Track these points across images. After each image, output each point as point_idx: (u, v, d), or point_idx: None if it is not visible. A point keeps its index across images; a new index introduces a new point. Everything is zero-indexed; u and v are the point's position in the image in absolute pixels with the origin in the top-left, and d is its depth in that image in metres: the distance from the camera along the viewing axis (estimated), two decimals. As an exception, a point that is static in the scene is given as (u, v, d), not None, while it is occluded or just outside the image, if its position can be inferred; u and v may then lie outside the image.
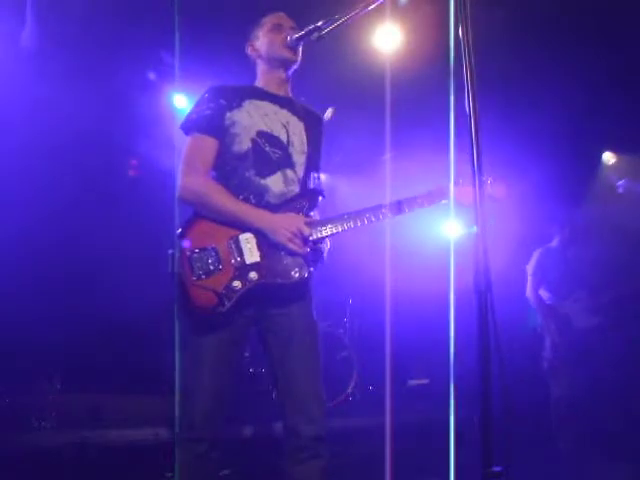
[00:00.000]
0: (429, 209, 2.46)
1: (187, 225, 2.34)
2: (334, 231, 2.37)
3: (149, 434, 3.93)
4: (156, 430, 3.94)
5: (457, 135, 1.76)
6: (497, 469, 1.53)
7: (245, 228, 2.31)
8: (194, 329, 2.31)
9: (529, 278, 4.82)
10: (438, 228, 6.15)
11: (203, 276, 2.25)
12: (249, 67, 2.64)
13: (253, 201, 2.35)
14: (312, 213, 2.44)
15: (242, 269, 2.27)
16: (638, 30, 5.03)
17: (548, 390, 4.66)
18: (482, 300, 1.60)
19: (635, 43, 5.16)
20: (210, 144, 2.41)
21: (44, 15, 4.68)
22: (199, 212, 2.37)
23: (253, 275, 2.27)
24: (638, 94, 5.55)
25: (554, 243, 4.89)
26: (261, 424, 4.13)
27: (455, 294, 1.96)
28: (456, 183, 2.42)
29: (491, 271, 1.60)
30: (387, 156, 5.62)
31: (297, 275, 2.29)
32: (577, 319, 4.63)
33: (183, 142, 2.45)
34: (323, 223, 2.38)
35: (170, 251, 2.30)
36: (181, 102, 5.73)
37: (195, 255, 2.27)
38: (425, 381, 6.28)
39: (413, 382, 6.32)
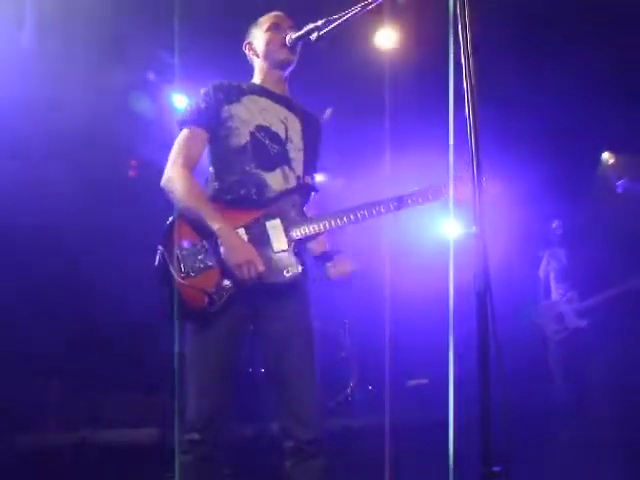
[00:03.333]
0: (425, 207, 2.40)
1: (177, 220, 2.26)
2: (317, 230, 2.31)
3: (149, 434, 3.94)
4: (156, 430, 3.94)
5: (456, 135, 1.76)
6: (497, 469, 1.53)
7: (207, 233, 2.21)
8: (192, 331, 2.27)
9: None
10: (438, 228, 6.15)
11: (192, 274, 2.18)
12: (249, 67, 2.64)
13: (255, 196, 2.31)
14: (305, 208, 2.40)
15: None
16: (638, 29, 5.03)
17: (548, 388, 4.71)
18: (481, 300, 1.60)
19: (635, 42, 5.16)
20: (199, 135, 2.37)
21: (43, 15, 4.68)
22: None
23: None
24: (638, 94, 5.55)
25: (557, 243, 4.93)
26: (261, 424, 4.13)
27: (455, 294, 1.96)
28: (456, 177, 2.31)
29: (490, 271, 1.60)
30: (387, 156, 5.62)
31: (289, 274, 2.25)
32: (569, 320, 4.66)
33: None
34: (310, 221, 2.33)
35: (160, 248, 2.22)
36: (181, 102, 5.73)
37: (184, 252, 2.19)
38: (425, 381, 6.28)
39: (413, 382, 6.31)
